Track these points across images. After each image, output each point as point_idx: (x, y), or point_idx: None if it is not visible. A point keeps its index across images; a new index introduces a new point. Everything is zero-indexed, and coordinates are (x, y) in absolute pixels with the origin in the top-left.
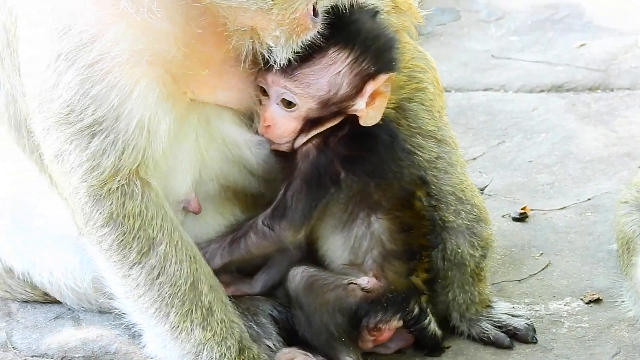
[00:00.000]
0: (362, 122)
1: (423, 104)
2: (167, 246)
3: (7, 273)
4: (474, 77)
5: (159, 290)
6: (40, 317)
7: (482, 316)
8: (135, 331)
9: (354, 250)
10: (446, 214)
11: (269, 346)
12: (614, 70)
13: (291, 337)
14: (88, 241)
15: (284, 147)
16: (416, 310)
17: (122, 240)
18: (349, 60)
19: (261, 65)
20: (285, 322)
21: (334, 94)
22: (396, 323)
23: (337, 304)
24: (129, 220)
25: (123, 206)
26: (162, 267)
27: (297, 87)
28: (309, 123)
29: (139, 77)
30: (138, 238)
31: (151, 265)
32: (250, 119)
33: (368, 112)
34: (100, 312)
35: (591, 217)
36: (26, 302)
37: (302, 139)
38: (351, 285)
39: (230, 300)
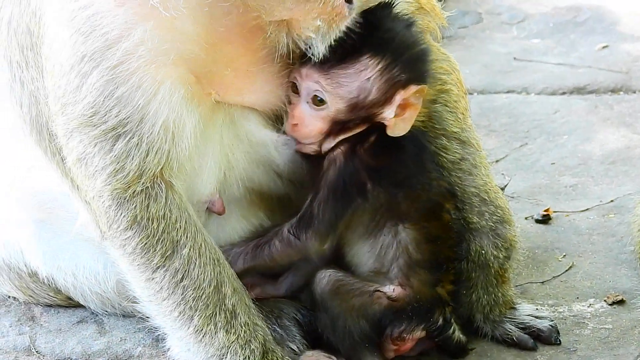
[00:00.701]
0: (389, 132)
1: (447, 106)
2: (191, 249)
3: (30, 277)
4: (496, 79)
5: (182, 294)
6: (64, 321)
7: (506, 317)
8: (159, 335)
9: (379, 258)
10: (470, 215)
11: (293, 349)
12: (636, 72)
13: (315, 341)
14: (111, 245)
15: (310, 149)
16: (440, 321)
17: (146, 244)
18: (379, 67)
19: (293, 63)
20: (309, 325)
21: (363, 99)
22: (419, 333)
23: (362, 311)
24: (152, 223)
25: (147, 209)
26: (185, 270)
27: (329, 84)
28: (337, 126)
29: (163, 78)
30: (162, 241)
31: (175, 269)
32: (277, 119)
33: (397, 122)
34: (123, 315)
35: (614, 219)
36: (49, 306)
37: (329, 143)
38: (377, 292)
39: (253, 303)
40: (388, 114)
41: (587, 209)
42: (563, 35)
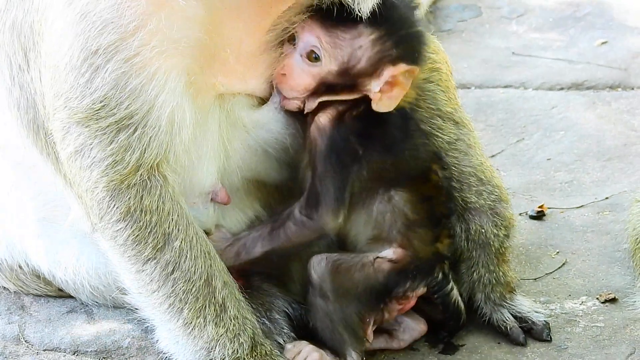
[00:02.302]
0: (373, 106)
1: (439, 85)
2: (183, 242)
3: (20, 268)
4: (494, 74)
5: (173, 286)
6: (54, 311)
7: (505, 302)
8: (148, 326)
9: (377, 224)
10: (468, 195)
11: (280, 343)
12: (635, 69)
13: (305, 335)
14: (102, 237)
15: (293, 104)
16: (440, 276)
17: (137, 235)
18: (372, 37)
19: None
20: (299, 319)
21: (352, 66)
22: (422, 289)
23: (367, 282)
24: (145, 215)
25: (141, 200)
26: (176, 263)
27: (328, 43)
28: (323, 87)
29: (171, 68)
30: (154, 233)
31: (166, 261)
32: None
33: (382, 97)
34: (113, 307)
35: (609, 216)
36: (39, 296)
37: (312, 103)
38: (378, 259)
39: (243, 296)
40: (373, 87)
41: (581, 206)
42: (563, 30)
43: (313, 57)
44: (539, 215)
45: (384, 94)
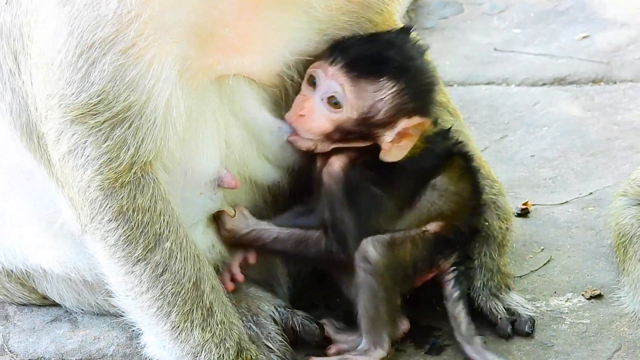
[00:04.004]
0: (381, 156)
1: None
2: (173, 243)
3: (4, 277)
4: (476, 71)
5: (162, 288)
6: (38, 319)
7: (500, 293)
8: (133, 332)
9: (428, 210)
10: None
11: (269, 346)
12: (617, 63)
13: (293, 339)
14: (92, 238)
15: (305, 144)
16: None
17: (129, 236)
18: (393, 90)
19: (323, 57)
20: (286, 324)
21: (372, 116)
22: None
23: (415, 255)
24: (138, 215)
25: (134, 200)
26: (166, 265)
27: (351, 92)
28: (339, 133)
29: (166, 55)
30: (145, 234)
31: (156, 262)
32: (275, 102)
33: (392, 147)
34: (98, 314)
35: (593, 212)
36: (24, 305)
37: (325, 146)
38: (425, 232)
39: (230, 300)
40: (387, 138)
41: (566, 202)
42: (544, 25)
43: (333, 102)
44: (524, 213)
45: (394, 144)
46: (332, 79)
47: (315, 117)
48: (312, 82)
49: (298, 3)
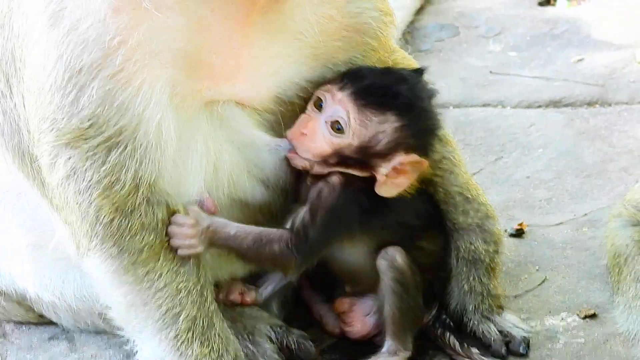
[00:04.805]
0: (376, 188)
1: None
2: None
3: (0, 296)
4: (472, 93)
5: (176, 283)
6: (35, 337)
7: (492, 316)
8: (129, 351)
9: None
10: (455, 216)
11: None
12: (612, 85)
13: (288, 358)
14: (95, 258)
15: (301, 163)
16: None
17: (140, 253)
18: (396, 125)
19: (334, 82)
20: (282, 342)
21: (372, 146)
22: None
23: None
24: (146, 232)
25: (146, 217)
26: (178, 269)
27: (356, 120)
28: (337, 157)
29: (155, 80)
30: (154, 248)
31: (167, 269)
32: (268, 124)
33: (386, 181)
34: (95, 332)
35: (588, 233)
36: (21, 323)
37: (321, 169)
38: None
39: (226, 319)
40: (382, 170)
41: (561, 223)
42: (540, 48)
43: (336, 127)
44: (519, 233)
45: (389, 179)
46: (339, 104)
47: (316, 139)
48: (319, 105)
49: (288, 31)
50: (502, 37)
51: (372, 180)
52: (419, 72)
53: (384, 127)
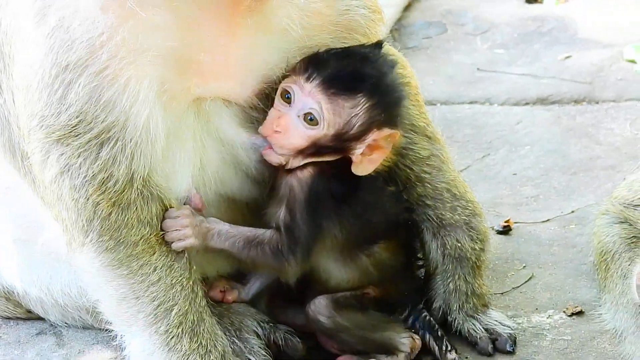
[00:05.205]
0: (353, 169)
1: (410, 99)
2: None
3: None
4: (459, 90)
5: (170, 277)
6: (23, 333)
7: (477, 314)
8: (117, 346)
9: (354, 272)
10: (443, 212)
11: None
12: (600, 83)
13: (275, 353)
14: (88, 253)
15: (277, 159)
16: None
17: (134, 248)
18: (367, 105)
19: (298, 72)
20: (269, 339)
21: (346, 132)
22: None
23: (363, 313)
24: (142, 226)
25: (141, 212)
26: (172, 264)
27: (328, 110)
28: (314, 148)
29: (143, 77)
30: (149, 242)
31: (162, 263)
32: (250, 118)
33: (362, 160)
34: (83, 328)
35: (575, 230)
36: (8, 318)
37: (298, 161)
38: (365, 295)
39: (214, 315)
40: (358, 150)
41: (547, 220)
42: (527, 46)
43: (309, 119)
44: (506, 230)
45: (365, 157)
46: (310, 96)
47: (291, 134)
48: (287, 97)
49: (273, 28)
50: (489, 35)
51: (344, 163)
52: (379, 45)
53: (356, 110)
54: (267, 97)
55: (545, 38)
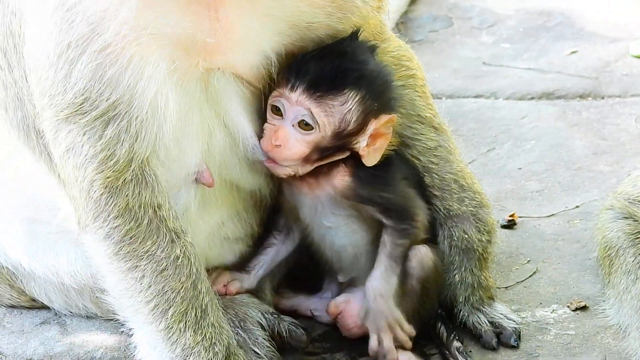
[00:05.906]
0: (364, 161)
1: (416, 90)
2: (175, 239)
3: None
4: (465, 84)
5: (163, 284)
6: (27, 322)
7: (483, 307)
8: (121, 337)
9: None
10: (450, 203)
11: (257, 352)
12: (605, 78)
13: (279, 345)
14: (93, 237)
15: (284, 171)
16: None
17: (135, 232)
18: (357, 99)
19: (282, 85)
20: (273, 330)
21: (344, 129)
22: None
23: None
24: (142, 211)
25: (139, 196)
26: (169, 261)
27: (318, 112)
28: (317, 152)
29: (148, 54)
30: (150, 229)
31: (160, 257)
32: (256, 107)
33: (369, 151)
34: (87, 317)
35: (579, 225)
36: (13, 307)
37: (305, 168)
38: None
39: (220, 306)
40: (362, 144)
41: (552, 215)
42: (533, 40)
43: (304, 124)
44: (510, 224)
45: (370, 147)
46: (298, 105)
47: (291, 144)
48: (277, 111)
49: (266, 5)
50: (495, 29)
51: (354, 158)
52: (354, 36)
53: (347, 106)
54: (268, 77)
55: (551, 33)
